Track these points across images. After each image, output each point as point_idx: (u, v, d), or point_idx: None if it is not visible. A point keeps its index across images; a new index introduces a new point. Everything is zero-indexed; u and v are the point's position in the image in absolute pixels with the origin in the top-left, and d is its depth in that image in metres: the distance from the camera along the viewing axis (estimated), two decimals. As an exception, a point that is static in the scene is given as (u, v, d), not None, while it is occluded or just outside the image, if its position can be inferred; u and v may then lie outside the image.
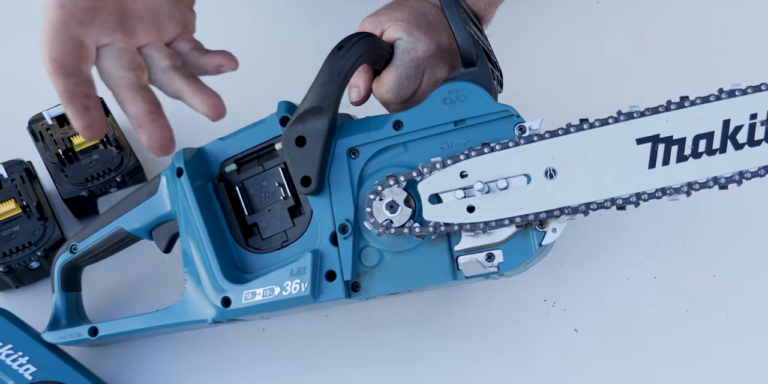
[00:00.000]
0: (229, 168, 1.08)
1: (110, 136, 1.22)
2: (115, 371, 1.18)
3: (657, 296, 1.15)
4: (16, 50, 1.39)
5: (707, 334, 1.13)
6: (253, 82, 1.28)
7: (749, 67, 1.25)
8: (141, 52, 0.91)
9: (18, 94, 1.35)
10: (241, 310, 1.03)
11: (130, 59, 0.90)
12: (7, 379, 1.11)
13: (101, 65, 0.90)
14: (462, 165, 0.93)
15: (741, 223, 1.17)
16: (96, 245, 1.14)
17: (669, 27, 1.30)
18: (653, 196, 0.88)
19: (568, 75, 1.28)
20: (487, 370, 1.13)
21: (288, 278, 1.00)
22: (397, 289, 0.98)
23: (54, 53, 0.87)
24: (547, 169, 0.90)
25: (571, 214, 0.90)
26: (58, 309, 1.16)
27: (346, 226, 0.99)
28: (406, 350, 1.15)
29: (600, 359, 1.13)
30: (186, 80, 0.91)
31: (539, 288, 1.16)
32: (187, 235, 1.07)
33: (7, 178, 1.22)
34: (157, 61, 0.91)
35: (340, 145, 1.01)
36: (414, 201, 0.96)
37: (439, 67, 1.05)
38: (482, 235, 0.93)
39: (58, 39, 0.87)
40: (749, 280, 1.15)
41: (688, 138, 0.86)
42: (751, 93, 0.86)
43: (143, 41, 0.91)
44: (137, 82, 0.89)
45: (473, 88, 0.96)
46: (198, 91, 0.91)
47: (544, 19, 1.33)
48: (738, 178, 0.86)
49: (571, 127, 0.90)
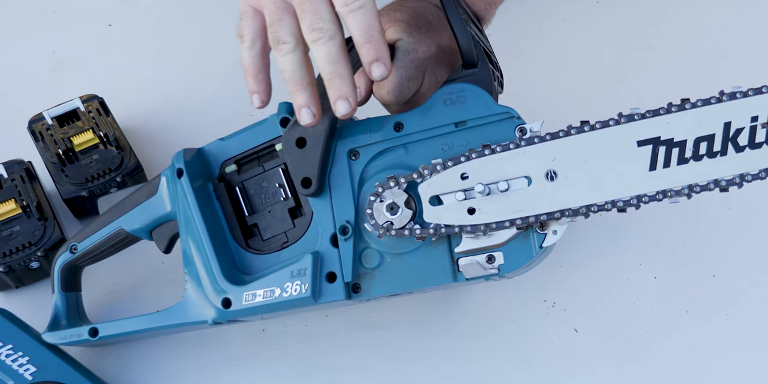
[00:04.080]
0: (229, 168, 1.08)
1: (110, 136, 1.22)
2: (115, 371, 1.18)
3: (657, 296, 1.15)
4: (16, 50, 1.39)
5: (707, 334, 1.13)
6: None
7: (750, 67, 1.25)
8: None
9: (18, 94, 1.35)
10: (241, 312, 1.03)
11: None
12: (7, 379, 1.11)
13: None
14: (462, 167, 0.93)
15: (741, 224, 1.18)
16: (96, 245, 1.14)
17: (669, 27, 1.30)
18: (654, 198, 0.87)
19: (568, 75, 1.28)
20: (487, 370, 1.14)
21: (288, 280, 1.00)
22: (397, 290, 0.98)
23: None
24: (548, 171, 0.90)
25: (571, 216, 0.90)
26: (58, 309, 1.16)
27: (346, 228, 0.99)
28: (406, 350, 1.15)
29: (600, 359, 1.13)
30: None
31: (539, 288, 1.16)
32: (187, 235, 1.07)
33: (7, 178, 1.22)
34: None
35: (341, 146, 1.00)
36: (414, 203, 0.96)
37: (439, 68, 1.04)
38: (483, 237, 0.93)
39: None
40: (749, 281, 1.15)
41: (688, 140, 0.86)
42: (752, 95, 0.85)
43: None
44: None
45: (474, 89, 0.96)
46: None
47: (544, 20, 1.33)
48: (739, 180, 0.86)
49: (572, 129, 0.90)
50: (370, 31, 0.91)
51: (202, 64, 1.35)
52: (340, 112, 0.93)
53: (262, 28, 0.97)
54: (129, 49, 1.38)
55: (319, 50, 0.92)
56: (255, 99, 0.98)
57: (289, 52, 0.94)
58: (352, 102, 0.92)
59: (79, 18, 1.40)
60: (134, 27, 1.39)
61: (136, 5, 1.41)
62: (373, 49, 0.91)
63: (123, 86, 1.33)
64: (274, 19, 0.95)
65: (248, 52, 0.98)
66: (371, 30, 0.91)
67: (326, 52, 0.92)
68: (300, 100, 0.95)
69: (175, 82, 1.34)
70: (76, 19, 1.40)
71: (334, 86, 0.92)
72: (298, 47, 0.94)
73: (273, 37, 0.95)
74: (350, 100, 0.92)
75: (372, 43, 0.91)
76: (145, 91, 1.34)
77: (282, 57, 0.94)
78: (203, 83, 1.33)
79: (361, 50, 0.92)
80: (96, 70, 1.36)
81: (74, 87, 1.29)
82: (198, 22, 1.38)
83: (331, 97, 0.93)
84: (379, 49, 0.92)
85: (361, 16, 0.91)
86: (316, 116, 0.95)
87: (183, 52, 1.36)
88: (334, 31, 0.92)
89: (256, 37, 0.97)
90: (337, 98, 0.92)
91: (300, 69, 0.94)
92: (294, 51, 0.94)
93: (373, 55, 0.91)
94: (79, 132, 1.23)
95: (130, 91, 1.33)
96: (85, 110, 1.24)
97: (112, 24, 1.39)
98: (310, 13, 0.92)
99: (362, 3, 0.91)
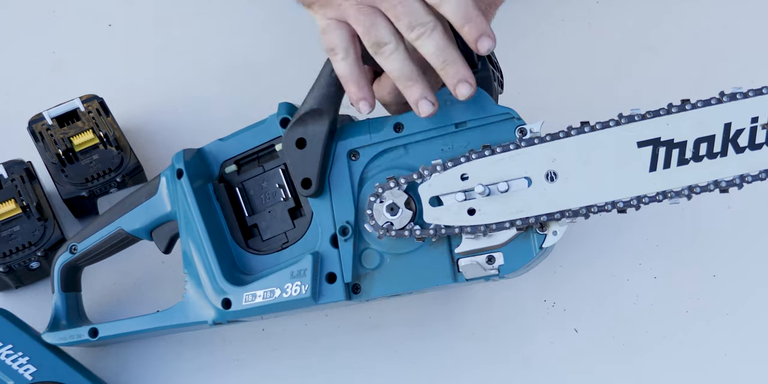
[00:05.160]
0: (229, 169, 1.08)
1: (110, 136, 1.22)
2: (115, 371, 1.18)
3: (657, 296, 1.15)
4: (16, 50, 1.39)
5: (707, 334, 1.13)
6: (253, 83, 1.28)
7: (750, 67, 1.24)
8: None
9: (18, 94, 1.35)
10: (241, 312, 1.03)
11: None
12: (7, 379, 1.11)
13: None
14: (463, 167, 0.93)
15: (741, 224, 1.17)
16: (96, 246, 1.14)
17: (669, 27, 1.30)
18: (654, 199, 0.87)
19: (568, 75, 1.28)
20: (488, 370, 1.14)
21: (288, 280, 1.00)
22: (397, 291, 0.98)
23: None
24: (548, 171, 0.90)
25: (571, 217, 0.90)
26: (58, 309, 1.16)
27: (346, 228, 0.99)
28: (406, 350, 1.15)
29: (600, 359, 1.13)
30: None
31: (539, 288, 1.16)
32: (187, 236, 1.07)
33: (7, 178, 1.22)
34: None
35: (341, 146, 1.00)
36: (414, 203, 0.96)
37: (440, 68, 1.05)
38: (483, 237, 0.93)
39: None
40: (749, 281, 1.15)
41: (689, 141, 0.86)
42: (752, 96, 0.85)
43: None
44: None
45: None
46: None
47: (544, 20, 1.33)
48: (739, 181, 0.86)
49: (572, 130, 0.90)
50: (467, 12, 0.92)
51: (202, 64, 1.34)
52: (463, 94, 0.93)
53: (351, 37, 0.97)
54: (129, 49, 1.37)
55: (425, 44, 0.93)
56: (363, 105, 0.98)
57: (393, 51, 0.95)
58: (472, 83, 0.93)
59: (79, 18, 1.40)
60: (134, 27, 1.39)
61: (136, 5, 1.41)
62: (475, 27, 0.91)
63: (123, 86, 1.33)
64: (367, 24, 0.96)
65: (344, 62, 0.98)
66: (468, 9, 0.92)
67: (434, 44, 0.93)
68: (416, 94, 0.95)
69: (175, 82, 1.34)
70: (76, 19, 1.40)
71: (449, 73, 0.93)
72: (400, 45, 0.95)
73: (372, 41, 0.96)
74: (470, 81, 0.93)
75: (472, 22, 0.91)
76: (145, 91, 1.34)
77: (387, 58, 0.95)
78: (203, 83, 1.33)
79: (463, 31, 0.92)
80: (96, 70, 1.36)
81: (74, 87, 1.29)
82: (198, 22, 1.38)
83: (450, 83, 0.93)
84: (481, 25, 0.92)
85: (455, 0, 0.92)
86: (434, 104, 0.95)
87: (183, 52, 1.36)
88: (435, 21, 0.93)
89: (348, 46, 0.97)
90: (456, 82, 0.93)
91: (407, 65, 0.95)
92: (397, 49, 0.95)
93: (477, 32, 0.92)
94: (79, 132, 1.22)
95: (130, 91, 1.33)
96: (85, 110, 1.24)
97: (112, 24, 1.39)
98: (405, 13, 0.94)
99: None
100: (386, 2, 0.94)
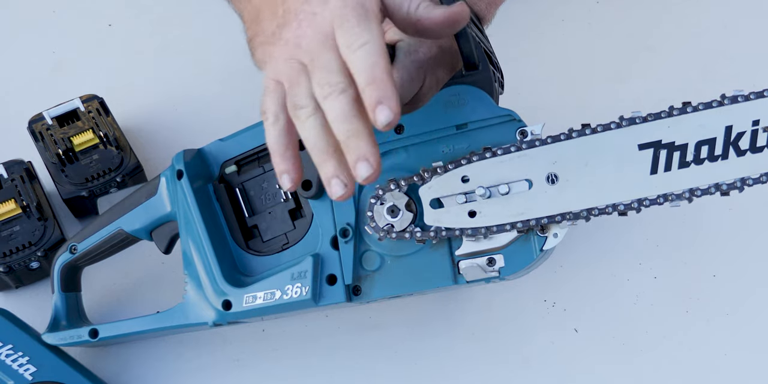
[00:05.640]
0: (229, 169, 1.08)
1: (110, 136, 1.22)
2: (115, 371, 1.18)
3: (657, 296, 1.15)
4: (16, 50, 1.39)
5: (707, 334, 1.13)
6: (253, 83, 1.28)
7: (750, 68, 1.24)
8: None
9: (18, 94, 1.35)
10: (241, 313, 1.03)
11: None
12: (7, 379, 1.11)
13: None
14: (463, 169, 0.93)
15: (741, 224, 1.17)
16: (96, 246, 1.14)
17: (670, 28, 1.30)
18: (655, 202, 0.87)
19: (568, 75, 1.28)
20: (488, 370, 1.14)
21: (289, 282, 1.00)
22: (397, 293, 0.98)
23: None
24: (549, 174, 0.90)
25: (572, 220, 0.90)
26: (58, 309, 1.16)
27: (347, 230, 0.99)
28: (406, 350, 1.15)
29: (600, 359, 1.13)
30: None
31: (539, 288, 1.16)
32: (188, 236, 1.07)
33: (7, 178, 1.22)
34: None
35: (341, 148, 1.00)
36: (415, 205, 0.96)
37: (440, 69, 1.04)
38: (483, 239, 0.93)
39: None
40: (749, 281, 1.15)
41: (690, 144, 0.86)
42: (753, 99, 0.85)
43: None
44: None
45: (475, 91, 0.96)
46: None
47: (544, 20, 1.33)
48: (740, 184, 0.85)
49: (573, 132, 0.90)
50: (373, 71, 0.79)
51: (201, 64, 1.35)
52: (361, 176, 0.80)
53: (285, 100, 0.86)
54: (129, 49, 1.37)
55: (329, 107, 0.81)
56: (285, 180, 0.86)
57: (308, 116, 0.83)
58: (374, 163, 0.79)
59: (79, 18, 1.40)
60: (134, 27, 1.39)
61: (136, 5, 1.41)
62: (377, 90, 0.79)
63: (123, 86, 1.33)
64: (292, 83, 0.84)
65: (272, 128, 0.86)
66: (375, 69, 0.79)
67: (339, 108, 0.80)
68: (328, 171, 0.82)
69: (175, 82, 1.34)
70: (76, 19, 1.40)
71: (350, 147, 0.80)
72: (318, 110, 0.82)
73: (291, 103, 0.84)
74: (371, 161, 0.79)
75: (375, 85, 0.79)
76: (145, 91, 1.34)
77: (302, 124, 0.83)
78: (203, 83, 1.33)
79: (364, 94, 0.80)
80: (96, 70, 1.36)
81: (74, 87, 1.29)
82: (197, 22, 1.38)
83: (350, 160, 0.80)
84: (385, 90, 0.79)
85: (363, 55, 0.80)
86: (348, 186, 0.82)
87: (183, 52, 1.36)
88: (346, 83, 0.81)
89: (279, 110, 0.86)
90: (356, 160, 0.80)
91: (323, 135, 0.82)
92: (314, 115, 0.83)
93: (375, 98, 0.79)
94: (79, 132, 1.23)
95: (130, 91, 1.33)
96: (85, 110, 1.24)
97: (112, 24, 1.39)
98: (319, 68, 0.82)
99: (365, 40, 0.81)
100: (306, 56, 0.84)
